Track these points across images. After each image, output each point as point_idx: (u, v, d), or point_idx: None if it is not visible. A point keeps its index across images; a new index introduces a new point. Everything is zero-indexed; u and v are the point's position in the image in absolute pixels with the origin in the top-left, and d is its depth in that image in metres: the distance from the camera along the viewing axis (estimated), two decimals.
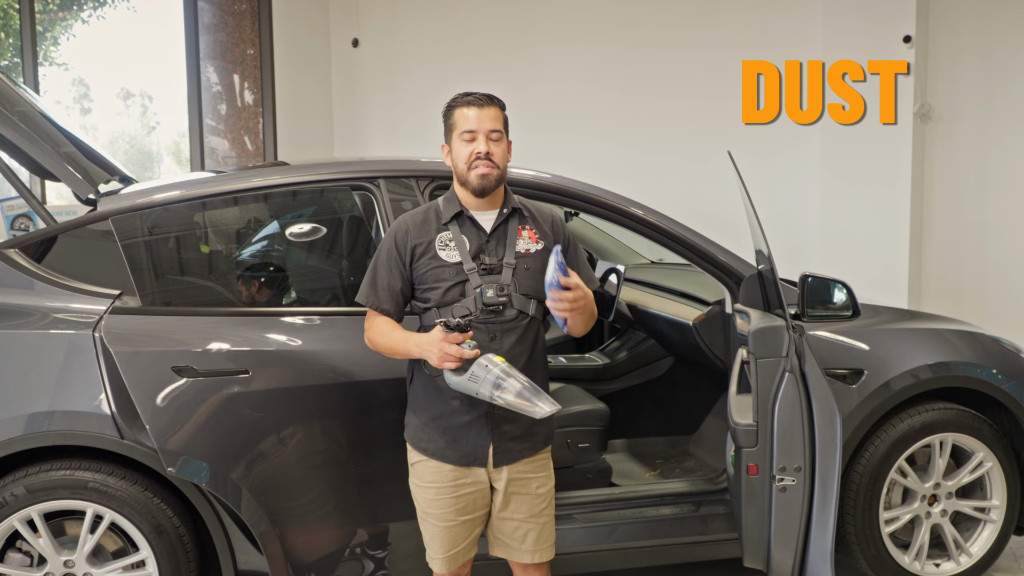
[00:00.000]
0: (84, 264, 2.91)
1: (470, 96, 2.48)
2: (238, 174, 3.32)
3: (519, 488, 2.52)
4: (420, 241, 2.48)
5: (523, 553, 2.55)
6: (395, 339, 2.46)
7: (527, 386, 2.26)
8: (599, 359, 4.56)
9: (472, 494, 2.50)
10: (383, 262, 2.52)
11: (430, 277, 2.46)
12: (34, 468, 2.76)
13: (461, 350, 2.26)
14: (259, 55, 7.13)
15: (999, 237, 5.69)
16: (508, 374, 2.26)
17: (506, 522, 2.54)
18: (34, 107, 3.20)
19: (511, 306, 2.44)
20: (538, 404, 2.24)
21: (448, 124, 2.51)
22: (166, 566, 2.82)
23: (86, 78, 8.80)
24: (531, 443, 2.53)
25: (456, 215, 2.50)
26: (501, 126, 2.48)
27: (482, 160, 2.42)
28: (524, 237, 2.51)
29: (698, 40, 6.39)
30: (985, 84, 5.62)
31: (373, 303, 2.53)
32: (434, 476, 2.50)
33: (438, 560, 2.55)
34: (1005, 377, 3.38)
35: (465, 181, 2.46)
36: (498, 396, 2.25)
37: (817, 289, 3.25)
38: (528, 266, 2.48)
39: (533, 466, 2.54)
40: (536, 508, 2.54)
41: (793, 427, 2.79)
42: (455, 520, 2.50)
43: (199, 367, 2.73)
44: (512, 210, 2.53)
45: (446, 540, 2.51)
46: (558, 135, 6.68)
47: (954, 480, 3.39)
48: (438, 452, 2.48)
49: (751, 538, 2.92)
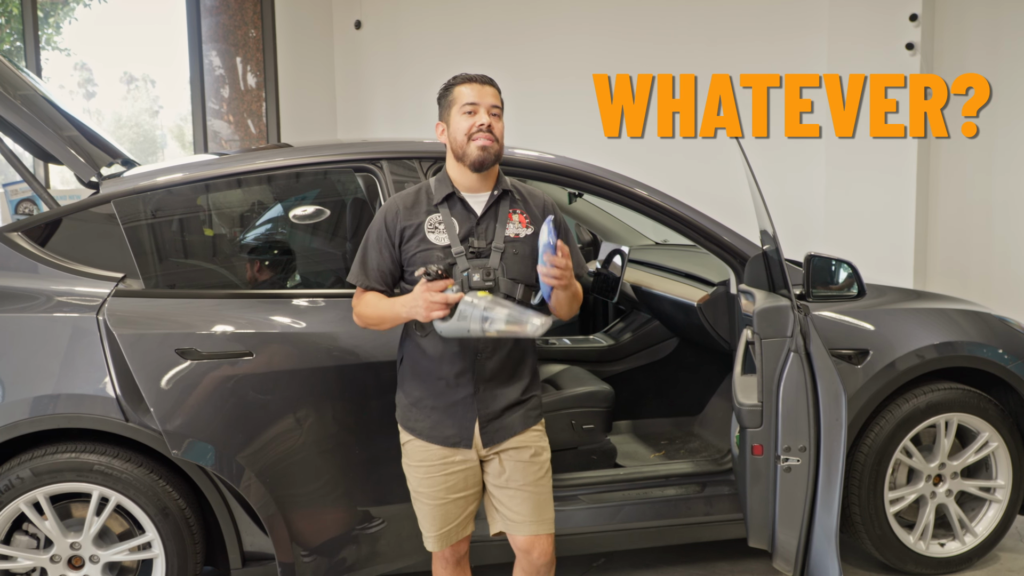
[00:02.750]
0: (87, 247, 2.91)
1: (469, 75, 2.49)
2: (241, 156, 3.32)
3: (513, 456, 2.50)
4: (409, 223, 2.47)
5: (521, 525, 2.51)
6: (382, 307, 2.45)
7: (513, 308, 2.25)
8: (604, 340, 4.56)
9: (462, 472, 2.49)
10: (373, 243, 2.51)
11: (419, 259, 2.45)
12: (40, 451, 2.77)
13: (446, 296, 2.26)
14: (261, 37, 7.10)
15: (1005, 217, 5.66)
16: (494, 303, 2.26)
17: (502, 490, 2.51)
18: (36, 91, 3.20)
19: (498, 290, 2.42)
20: (528, 321, 2.22)
21: (446, 101, 2.49)
22: (172, 548, 2.83)
23: (88, 63, 8.79)
24: (522, 419, 2.51)
25: (447, 196, 2.48)
26: (500, 104, 2.48)
27: (483, 132, 2.41)
28: (514, 221, 2.50)
29: (699, 20, 6.35)
30: (992, 63, 5.58)
31: (363, 283, 2.52)
32: (423, 455, 2.50)
33: (431, 538, 2.55)
34: (1011, 357, 3.37)
35: (463, 155, 2.44)
36: (488, 327, 2.24)
37: (822, 269, 3.23)
38: (517, 251, 2.47)
39: (525, 437, 2.51)
40: (532, 475, 2.51)
41: (798, 407, 2.79)
42: (446, 498, 2.50)
43: (203, 349, 2.73)
44: (503, 192, 2.52)
45: (438, 518, 2.51)
46: (561, 116, 6.66)
47: (959, 460, 3.38)
48: (424, 432, 2.48)
49: (756, 518, 2.92)
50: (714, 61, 6.26)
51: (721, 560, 3.57)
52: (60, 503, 2.83)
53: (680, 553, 3.63)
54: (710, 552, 3.61)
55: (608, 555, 3.66)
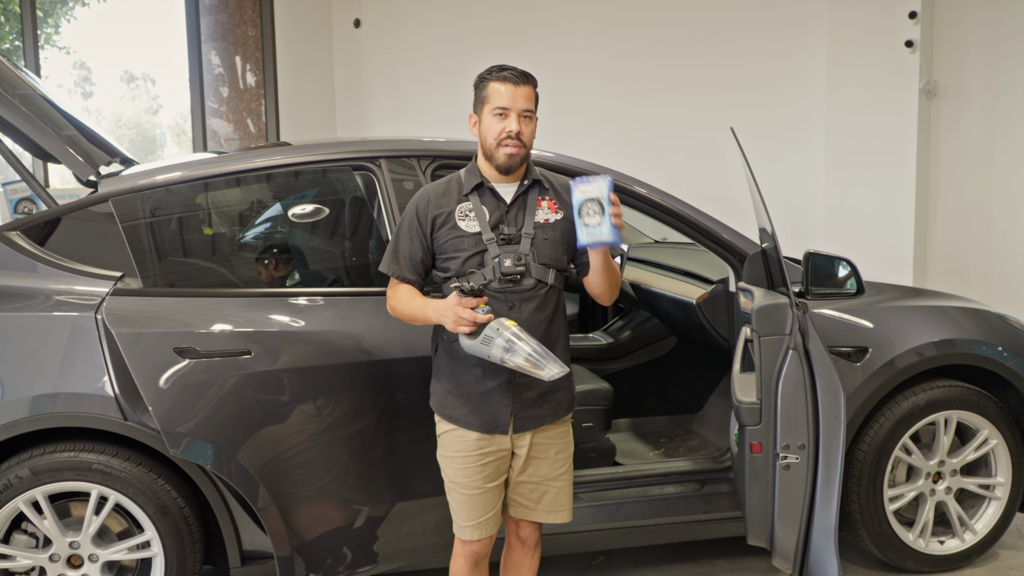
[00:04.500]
0: (86, 246, 2.91)
1: (506, 71, 2.47)
2: (239, 154, 3.31)
3: (539, 453, 2.55)
4: (441, 212, 2.49)
5: (538, 513, 2.59)
6: (414, 306, 2.49)
7: (536, 349, 2.27)
8: (603, 339, 4.55)
9: (495, 461, 2.53)
10: (405, 232, 2.54)
11: (450, 247, 2.47)
12: (39, 450, 2.77)
13: (474, 314, 2.28)
14: (260, 36, 7.10)
15: (1005, 214, 5.66)
16: (518, 337, 2.28)
17: (523, 484, 2.57)
18: (35, 90, 3.19)
19: (529, 275, 2.45)
20: (546, 366, 2.25)
21: (480, 96, 2.49)
22: (171, 547, 2.83)
23: (88, 62, 8.79)
24: (552, 410, 2.55)
25: (477, 186, 2.51)
26: (533, 105, 2.48)
27: (512, 139, 2.43)
28: (544, 207, 2.52)
29: (698, 19, 6.34)
30: (992, 60, 5.57)
31: (395, 272, 2.55)
32: (459, 446, 2.52)
33: (468, 527, 2.55)
34: (1011, 354, 3.37)
35: (492, 156, 2.47)
36: (508, 359, 2.27)
37: (821, 267, 3.24)
38: (547, 236, 2.49)
39: (553, 433, 2.57)
40: (554, 472, 2.58)
41: (797, 405, 2.79)
42: (483, 487, 2.52)
43: (201, 348, 2.73)
44: (533, 182, 2.54)
45: (476, 507, 2.53)
46: (561, 115, 6.65)
47: (959, 457, 3.38)
48: (461, 419, 2.51)
49: (755, 516, 2.92)
50: (714, 60, 6.27)
51: (720, 558, 3.57)
52: (59, 502, 2.83)
53: (679, 551, 3.63)
54: (709, 550, 3.61)
55: (607, 553, 3.66)
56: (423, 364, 2.77)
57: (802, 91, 5.95)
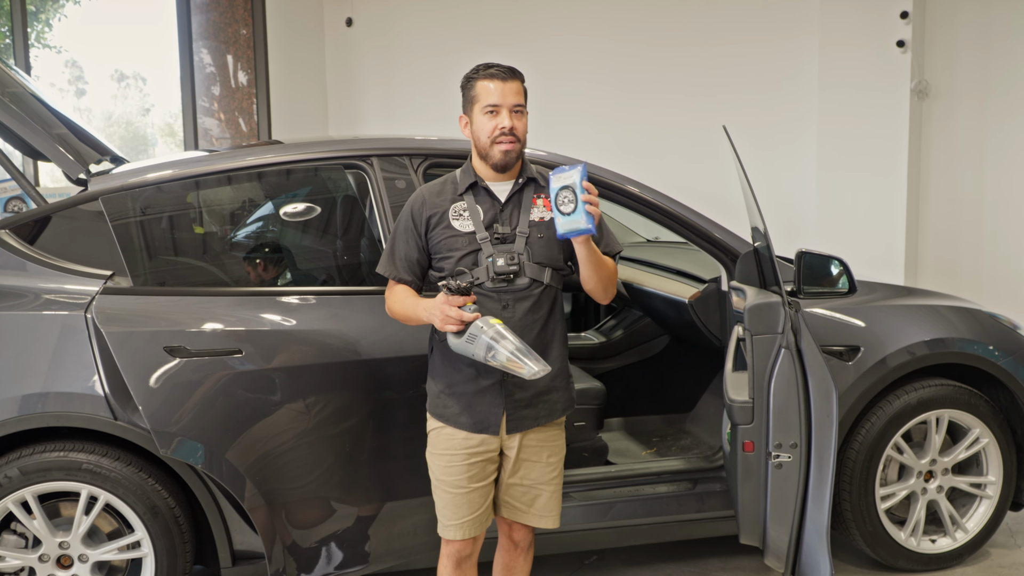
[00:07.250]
0: (76, 245, 2.89)
1: (492, 68, 2.46)
2: (230, 153, 3.30)
3: (530, 455, 2.54)
4: (435, 211, 2.49)
5: (531, 516, 2.58)
6: (407, 305, 2.49)
7: (519, 347, 2.26)
8: (595, 338, 4.55)
9: (482, 461, 2.51)
10: (400, 232, 2.54)
11: (444, 247, 2.47)
12: (28, 450, 2.75)
13: (461, 313, 2.28)
14: (252, 35, 7.08)
15: (996, 214, 5.68)
16: (501, 335, 2.26)
17: (515, 487, 2.56)
18: (25, 88, 3.18)
19: (523, 275, 2.45)
20: (527, 364, 2.23)
21: (468, 96, 2.48)
22: (161, 547, 2.81)
23: (79, 60, 8.77)
24: (547, 410, 2.53)
25: (471, 185, 2.50)
26: (523, 100, 2.47)
27: (506, 135, 2.42)
28: (539, 206, 2.51)
29: (691, 20, 6.34)
30: (983, 60, 5.59)
31: (392, 273, 2.55)
32: (447, 443, 2.51)
33: (451, 526, 2.54)
34: (1002, 353, 3.38)
35: (487, 155, 2.46)
36: (491, 357, 2.26)
37: (813, 266, 3.24)
38: (542, 234, 2.48)
39: (545, 436, 2.55)
40: (546, 475, 2.57)
41: (789, 404, 2.79)
42: (468, 487, 2.51)
43: (192, 347, 2.71)
44: (528, 179, 2.53)
45: (461, 506, 2.52)
46: (554, 115, 6.65)
47: (950, 456, 3.39)
48: (452, 418, 2.50)
49: (747, 515, 2.92)
50: (706, 61, 6.27)
51: (713, 557, 3.57)
52: (49, 502, 2.81)
53: (672, 550, 3.63)
54: (702, 549, 3.61)
55: (600, 552, 3.66)
56: (414, 363, 2.76)
57: (794, 91, 5.96)
